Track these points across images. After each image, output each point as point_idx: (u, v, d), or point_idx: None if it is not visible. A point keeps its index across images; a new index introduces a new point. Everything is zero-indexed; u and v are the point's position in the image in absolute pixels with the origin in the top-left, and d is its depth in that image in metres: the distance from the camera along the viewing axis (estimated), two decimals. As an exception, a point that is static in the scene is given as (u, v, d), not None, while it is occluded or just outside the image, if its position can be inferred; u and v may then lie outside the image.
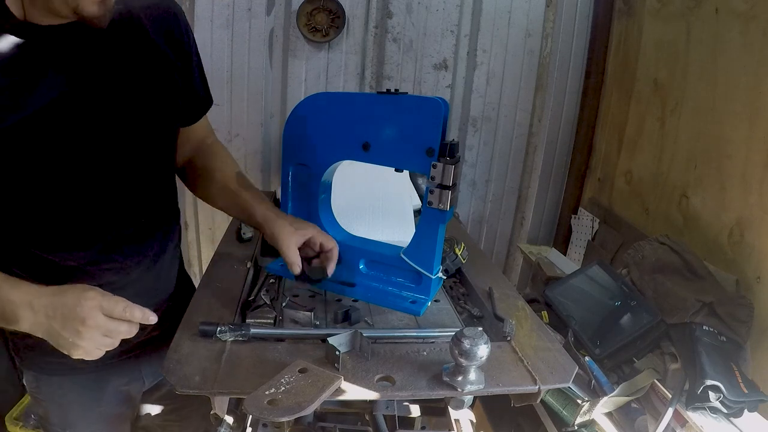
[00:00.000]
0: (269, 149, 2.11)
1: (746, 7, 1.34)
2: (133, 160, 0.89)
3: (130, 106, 0.86)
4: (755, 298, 1.23)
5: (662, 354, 1.20)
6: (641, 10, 1.82)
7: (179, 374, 0.76)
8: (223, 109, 2.02)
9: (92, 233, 0.88)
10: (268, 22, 1.94)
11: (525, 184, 2.31)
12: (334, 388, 0.74)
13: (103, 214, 0.88)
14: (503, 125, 2.20)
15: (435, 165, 0.87)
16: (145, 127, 0.89)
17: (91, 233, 0.88)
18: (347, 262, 1.05)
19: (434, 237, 0.95)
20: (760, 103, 1.29)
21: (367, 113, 0.94)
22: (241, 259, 1.16)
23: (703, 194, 1.49)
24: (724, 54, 1.43)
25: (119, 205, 0.90)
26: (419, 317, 0.99)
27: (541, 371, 0.82)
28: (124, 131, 0.86)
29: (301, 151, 1.01)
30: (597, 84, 2.09)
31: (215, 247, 1.30)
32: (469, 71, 2.11)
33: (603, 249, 1.90)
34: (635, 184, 1.84)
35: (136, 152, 0.89)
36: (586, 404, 1.12)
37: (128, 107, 0.85)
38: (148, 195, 0.95)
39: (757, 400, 1.04)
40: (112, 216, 0.89)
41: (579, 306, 1.37)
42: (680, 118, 1.60)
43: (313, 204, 1.04)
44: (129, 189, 0.91)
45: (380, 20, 1.99)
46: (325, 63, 2.01)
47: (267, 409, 0.67)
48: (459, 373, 0.77)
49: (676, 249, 1.37)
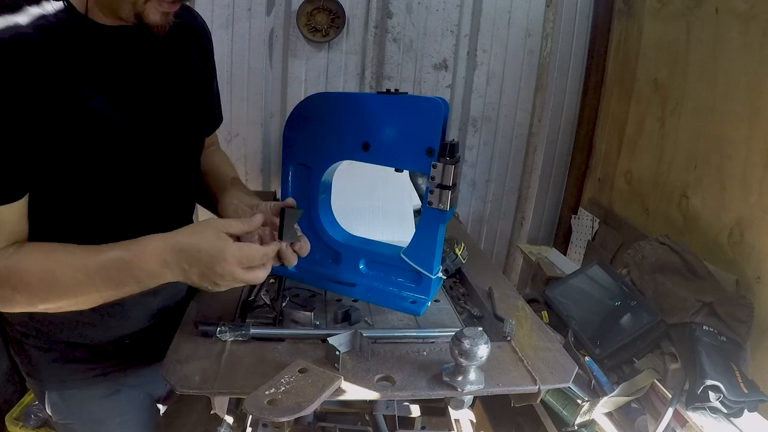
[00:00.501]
0: (269, 149, 2.11)
1: (746, 7, 1.34)
2: (174, 164, 0.92)
3: (174, 111, 0.88)
4: (755, 298, 1.23)
5: (662, 354, 1.20)
6: (641, 10, 1.82)
7: (179, 374, 0.76)
8: (223, 109, 2.01)
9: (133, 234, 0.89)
10: (268, 22, 1.94)
11: (525, 184, 2.31)
12: (334, 388, 0.74)
13: (143, 215, 0.88)
14: (503, 125, 2.20)
15: (435, 165, 0.87)
16: (185, 133, 0.93)
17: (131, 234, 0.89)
18: (347, 262, 1.05)
19: (434, 237, 0.95)
20: (760, 103, 1.29)
21: (367, 113, 0.94)
22: (241, 259, 1.16)
23: (703, 194, 1.49)
24: (724, 54, 1.43)
25: (158, 205, 0.92)
26: (419, 317, 0.99)
27: (541, 371, 0.82)
28: (169, 135, 0.88)
29: (301, 151, 1.01)
30: (597, 84, 2.09)
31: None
32: (469, 71, 2.11)
33: (603, 249, 1.90)
34: (635, 184, 1.84)
35: (178, 156, 0.92)
36: (586, 404, 1.12)
37: (172, 113, 0.88)
38: (182, 197, 0.98)
39: (757, 400, 1.04)
40: (151, 216, 0.90)
41: (579, 306, 1.37)
42: (680, 118, 1.60)
43: (313, 204, 1.04)
44: (170, 189, 0.93)
45: (380, 20, 1.99)
46: (325, 63, 2.02)
47: (267, 409, 0.67)
48: (459, 373, 0.77)
49: (676, 249, 1.37)
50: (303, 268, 1.10)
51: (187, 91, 0.91)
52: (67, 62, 0.71)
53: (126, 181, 0.83)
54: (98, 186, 0.80)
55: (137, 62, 0.81)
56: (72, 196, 0.79)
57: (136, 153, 0.82)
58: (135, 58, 0.81)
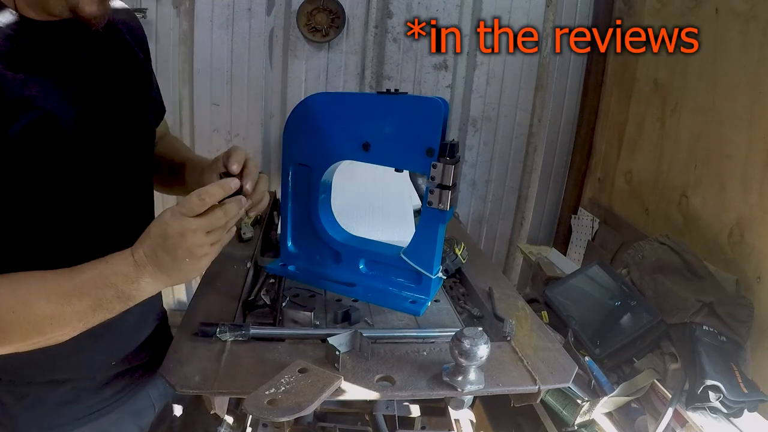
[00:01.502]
0: (269, 149, 2.11)
1: (746, 7, 1.34)
2: (128, 160, 0.87)
3: (125, 105, 0.84)
4: (755, 298, 1.23)
5: (662, 354, 1.20)
6: (641, 10, 1.82)
7: (179, 374, 0.76)
8: (223, 109, 2.02)
9: (96, 238, 0.83)
10: (268, 22, 1.94)
11: (525, 184, 2.31)
12: (334, 388, 0.73)
13: (105, 215, 0.84)
14: (503, 125, 2.20)
15: (435, 165, 0.87)
16: (136, 127, 0.88)
17: (95, 239, 0.83)
18: (347, 262, 1.05)
19: (434, 237, 0.95)
20: (760, 103, 1.29)
21: (367, 113, 0.94)
22: (241, 259, 1.16)
23: (703, 194, 1.49)
24: (724, 54, 1.43)
25: (119, 203, 0.86)
26: (419, 317, 0.99)
27: (541, 371, 0.82)
28: (124, 130, 0.84)
29: (301, 151, 1.01)
30: (597, 84, 2.09)
31: (215, 247, 1.30)
32: (469, 71, 2.11)
33: (603, 249, 1.90)
34: (635, 184, 1.84)
35: (133, 150, 0.87)
36: (586, 404, 1.12)
37: (123, 106, 0.84)
38: (141, 191, 0.93)
39: (757, 400, 1.04)
40: (113, 215, 0.85)
41: (579, 306, 1.36)
42: (680, 119, 1.60)
43: (313, 204, 1.04)
44: (129, 185, 0.88)
45: (380, 20, 1.99)
46: (325, 63, 2.02)
47: (267, 409, 0.67)
48: (459, 373, 0.77)
49: (676, 249, 1.37)
50: (303, 268, 1.10)
51: (132, 82, 0.86)
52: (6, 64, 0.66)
53: (86, 181, 0.78)
54: (57, 191, 0.74)
55: (78, 56, 0.75)
56: (29, 208, 0.71)
57: (94, 151, 0.78)
58: (75, 53, 0.75)
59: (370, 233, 1.14)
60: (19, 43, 0.68)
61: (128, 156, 0.86)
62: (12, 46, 0.67)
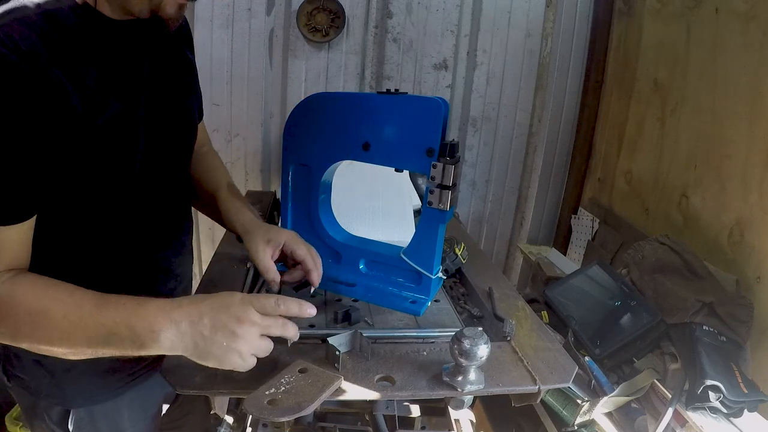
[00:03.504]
0: (269, 149, 2.11)
1: (746, 7, 1.34)
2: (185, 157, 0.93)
3: (182, 106, 0.89)
4: (755, 298, 1.23)
5: (662, 354, 1.20)
6: (641, 10, 1.82)
7: (179, 374, 0.76)
8: (223, 109, 2.02)
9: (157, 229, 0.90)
10: (268, 22, 1.94)
11: (525, 184, 2.31)
12: (334, 388, 0.74)
13: (149, 214, 0.88)
14: (503, 125, 2.20)
15: (435, 165, 0.87)
16: (189, 128, 0.94)
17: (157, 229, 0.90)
18: (347, 262, 1.05)
19: (434, 237, 0.95)
20: (760, 103, 1.29)
21: (367, 113, 0.94)
22: (241, 259, 1.16)
23: (703, 194, 1.49)
24: (724, 54, 1.43)
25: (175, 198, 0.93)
26: (419, 317, 0.99)
27: (541, 371, 0.82)
28: (178, 131, 0.89)
29: (301, 151, 1.01)
30: (597, 84, 2.09)
31: (215, 247, 1.30)
32: (469, 71, 2.11)
33: (603, 249, 1.90)
34: (635, 184, 1.84)
35: (181, 151, 0.93)
36: (586, 404, 1.12)
37: (181, 108, 0.89)
38: (182, 192, 0.98)
39: (757, 400, 1.04)
40: (155, 215, 0.89)
41: (579, 306, 1.37)
42: (680, 118, 1.60)
43: (313, 204, 1.04)
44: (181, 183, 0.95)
45: (380, 20, 1.99)
46: (325, 63, 2.02)
47: (267, 409, 0.67)
48: (459, 373, 0.77)
49: (676, 249, 1.37)
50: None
51: (187, 85, 0.91)
52: (87, 61, 0.69)
53: (138, 179, 0.81)
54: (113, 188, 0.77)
55: (145, 57, 0.80)
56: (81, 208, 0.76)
57: (153, 149, 0.82)
58: (143, 53, 0.79)
59: (370, 233, 1.14)
60: (96, 39, 0.71)
61: (176, 151, 0.91)
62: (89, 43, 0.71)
